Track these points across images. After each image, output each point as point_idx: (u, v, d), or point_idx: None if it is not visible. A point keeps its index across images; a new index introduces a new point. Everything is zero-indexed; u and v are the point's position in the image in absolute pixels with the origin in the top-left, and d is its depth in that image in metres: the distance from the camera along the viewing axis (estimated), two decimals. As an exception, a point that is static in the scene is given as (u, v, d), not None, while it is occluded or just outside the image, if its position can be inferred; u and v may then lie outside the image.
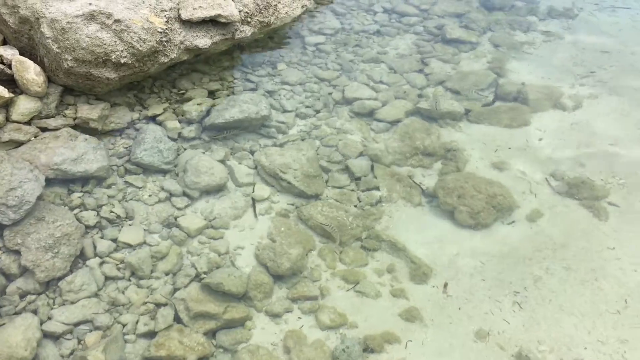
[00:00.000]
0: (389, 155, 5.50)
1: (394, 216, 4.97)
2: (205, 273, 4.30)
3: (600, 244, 4.82)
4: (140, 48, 5.03)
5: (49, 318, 3.84)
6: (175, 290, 4.18)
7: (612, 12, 8.10)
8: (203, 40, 5.59)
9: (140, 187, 4.80)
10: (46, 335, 3.75)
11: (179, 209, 4.74)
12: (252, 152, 5.33)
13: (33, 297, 3.90)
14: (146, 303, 4.06)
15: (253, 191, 5.01)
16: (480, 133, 5.87)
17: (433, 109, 5.95)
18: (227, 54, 6.17)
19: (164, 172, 4.96)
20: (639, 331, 4.19)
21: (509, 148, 5.68)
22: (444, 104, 5.97)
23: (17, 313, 3.78)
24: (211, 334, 4.01)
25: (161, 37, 5.21)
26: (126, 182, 4.81)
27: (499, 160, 5.53)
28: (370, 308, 4.30)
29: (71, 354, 3.72)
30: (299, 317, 4.20)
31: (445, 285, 4.46)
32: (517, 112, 6.09)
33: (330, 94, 6.12)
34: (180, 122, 5.33)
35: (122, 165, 4.91)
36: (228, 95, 5.70)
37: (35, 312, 3.83)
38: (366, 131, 5.73)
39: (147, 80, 5.58)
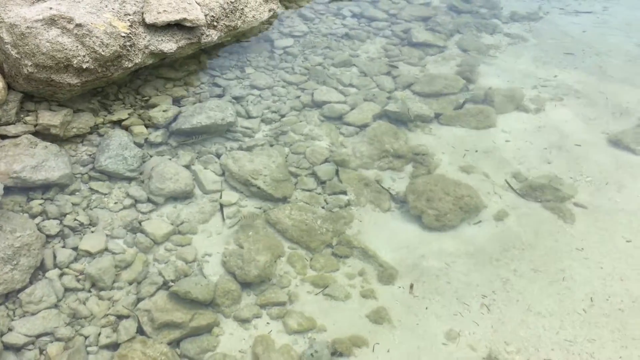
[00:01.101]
0: (356, 159, 5.49)
1: (364, 220, 4.96)
2: (172, 281, 4.23)
3: (568, 244, 4.87)
4: (102, 53, 4.94)
5: (10, 329, 3.73)
6: (139, 300, 4.09)
7: (575, 16, 8.25)
8: (168, 44, 5.52)
9: (106, 194, 4.71)
10: (7, 347, 3.64)
11: (143, 213, 4.66)
12: (218, 156, 5.28)
13: (-8, 309, 3.79)
14: (107, 315, 3.96)
15: (221, 197, 4.95)
16: (449, 135, 5.90)
17: (404, 113, 5.96)
18: (193, 57, 6.11)
19: (129, 180, 4.88)
20: (606, 330, 4.23)
21: (476, 151, 5.72)
22: (413, 107, 6.00)
23: (-26, 326, 3.67)
24: (175, 343, 3.93)
25: (125, 42, 5.13)
26: (91, 189, 4.71)
27: (466, 163, 5.56)
28: (338, 311, 4.27)
29: (33, 365, 3.63)
30: (268, 323, 4.15)
31: (411, 286, 4.46)
32: (484, 115, 6.14)
33: (298, 97, 6.09)
34: (147, 127, 5.24)
35: (86, 173, 4.81)
36: (194, 103, 5.63)
37: (-6, 324, 3.72)
38: (335, 136, 5.71)
39: (112, 86, 5.48)
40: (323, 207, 5.00)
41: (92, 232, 4.41)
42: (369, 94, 6.26)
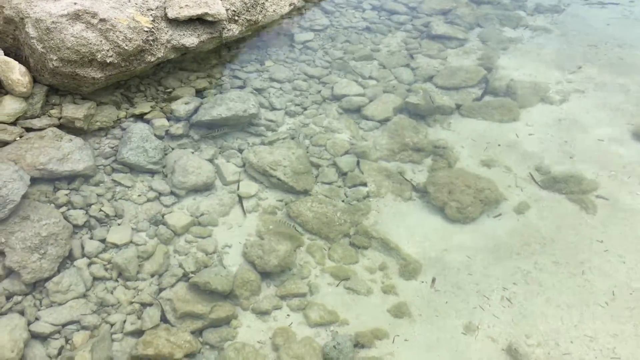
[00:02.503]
0: (377, 152, 5.50)
1: (382, 211, 4.97)
2: (192, 272, 4.28)
3: (589, 238, 4.83)
4: (126, 47, 5.01)
5: (37, 319, 3.81)
6: (161, 290, 4.16)
7: (600, 8, 8.13)
8: (190, 39, 5.57)
9: (130, 187, 4.78)
10: (34, 335, 3.73)
11: (166, 206, 4.72)
12: (240, 151, 5.32)
13: (19, 298, 3.87)
14: (132, 303, 4.04)
15: (238, 188, 4.99)
16: (470, 128, 5.88)
17: (428, 103, 5.95)
18: (214, 51, 6.16)
19: (152, 172, 4.94)
20: (629, 325, 4.19)
21: (499, 145, 5.69)
22: (436, 102, 5.99)
23: (2, 314, 3.75)
24: (198, 332, 3.99)
25: (147, 36, 5.19)
26: (114, 180, 4.79)
27: (488, 156, 5.53)
28: (360, 305, 4.29)
29: (59, 354, 3.70)
30: (288, 315, 4.19)
31: (433, 280, 4.47)
32: (507, 108, 6.10)
33: (319, 92, 6.11)
34: (168, 119, 5.31)
35: (109, 164, 4.89)
36: (216, 94, 5.68)
37: (22, 313, 3.80)
38: (354, 129, 5.73)
39: (134, 79, 5.56)
40: (343, 201, 5.02)
41: (119, 224, 4.49)
42: (388, 87, 6.26)
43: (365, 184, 5.17)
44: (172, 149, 5.16)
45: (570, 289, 4.43)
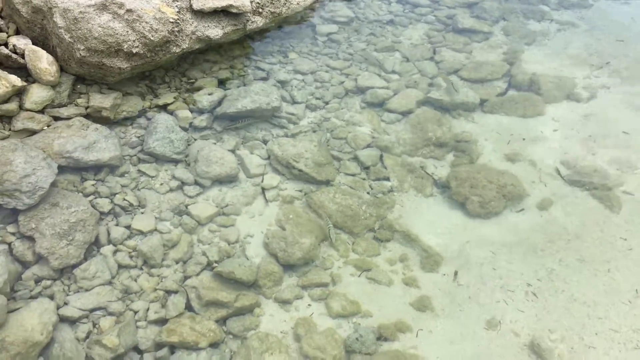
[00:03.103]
0: (399, 146, 5.49)
1: (405, 205, 4.97)
2: (216, 262, 4.32)
3: (613, 235, 4.78)
4: (152, 38, 5.05)
5: (65, 303, 3.89)
6: (186, 278, 4.20)
7: (626, 4, 8.00)
8: (214, 30, 5.59)
9: (153, 176, 4.82)
10: (62, 319, 3.80)
11: (190, 197, 4.76)
12: (264, 142, 5.35)
13: (48, 282, 3.94)
14: (156, 290, 4.09)
15: (262, 180, 5.02)
16: (494, 123, 5.84)
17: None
18: (237, 43, 6.17)
19: (175, 162, 4.99)
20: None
21: (523, 139, 5.64)
22: (459, 92, 5.94)
23: (32, 297, 3.82)
24: (222, 321, 4.03)
25: (173, 27, 5.22)
26: (139, 170, 4.84)
27: (511, 151, 5.49)
28: (382, 296, 4.29)
29: (87, 337, 3.77)
30: (309, 304, 4.21)
31: (456, 273, 4.46)
32: (531, 102, 6.05)
33: (342, 83, 6.10)
34: (191, 111, 5.34)
35: (135, 155, 4.94)
36: (239, 86, 5.70)
37: (51, 297, 3.87)
38: (377, 122, 5.71)
39: (159, 70, 5.59)
40: (368, 193, 5.02)
41: (142, 212, 4.54)
42: (411, 80, 6.23)
43: (388, 178, 5.16)
44: (195, 140, 5.19)
45: (595, 286, 4.40)
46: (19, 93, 4.73)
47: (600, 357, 3.95)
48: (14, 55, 4.81)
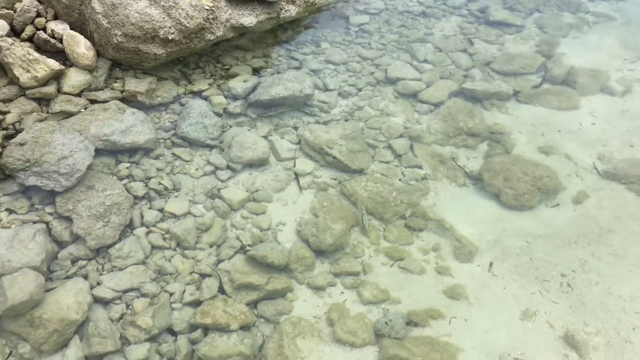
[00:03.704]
0: (431, 135, 5.45)
1: (440, 193, 4.93)
2: (249, 246, 4.34)
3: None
4: (187, 25, 5.08)
5: (99, 283, 3.93)
6: (219, 261, 4.22)
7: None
8: (248, 18, 5.61)
9: (188, 161, 4.85)
10: (96, 299, 3.84)
11: (222, 180, 4.79)
12: (295, 128, 5.36)
13: (84, 262, 3.99)
14: (192, 273, 4.12)
15: (294, 165, 5.02)
16: (528, 114, 5.77)
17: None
18: (270, 32, 6.19)
19: (210, 147, 5.01)
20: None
21: (559, 131, 5.56)
22: (491, 84, 5.89)
23: (68, 277, 3.88)
24: (253, 304, 4.05)
25: (208, 15, 5.25)
26: (174, 154, 4.87)
27: (546, 144, 5.42)
28: (414, 284, 4.27)
29: (120, 318, 3.80)
30: (342, 292, 4.20)
31: (491, 264, 4.41)
32: (566, 95, 5.96)
33: (372, 73, 6.08)
34: (225, 97, 5.37)
35: (169, 138, 4.98)
36: (272, 74, 5.71)
37: (85, 277, 3.91)
38: (410, 112, 5.68)
39: (192, 56, 5.63)
40: (400, 180, 4.99)
41: (176, 196, 4.57)
42: (445, 72, 6.18)
43: (421, 166, 5.13)
44: (230, 126, 5.22)
45: (631, 281, 4.32)
46: (57, 77, 4.80)
47: (638, 352, 3.88)
48: (52, 40, 4.88)
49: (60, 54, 4.92)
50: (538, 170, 5.01)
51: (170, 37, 5.04)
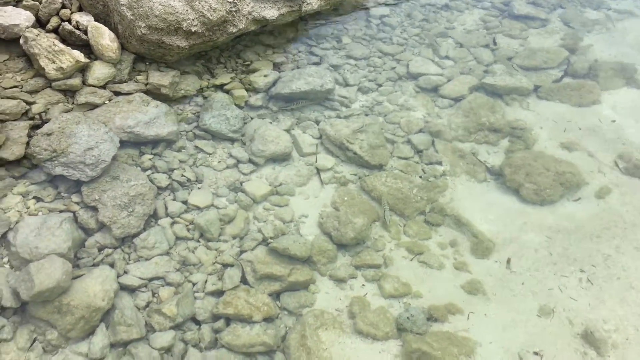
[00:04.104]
0: (452, 131, 5.45)
1: (457, 190, 4.94)
2: (271, 238, 4.38)
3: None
4: (210, 17, 5.12)
5: (125, 272, 4.00)
6: (242, 252, 4.28)
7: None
8: (270, 11, 5.64)
9: (211, 154, 4.91)
10: (123, 287, 3.91)
11: (244, 174, 4.83)
12: (317, 122, 5.38)
13: (110, 250, 4.06)
14: (214, 263, 4.17)
15: (316, 160, 5.06)
16: (549, 110, 5.75)
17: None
18: (291, 25, 6.20)
19: (232, 140, 5.06)
20: None
21: (579, 128, 5.54)
22: (512, 79, 5.87)
23: (95, 265, 3.95)
24: (275, 295, 4.10)
25: (230, 7, 5.28)
26: (196, 147, 4.92)
27: (568, 139, 5.40)
28: (433, 279, 4.30)
29: (146, 306, 3.88)
30: (363, 285, 4.24)
31: (509, 260, 4.42)
32: (587, 90, 5.93)
33: (393, 68, 6.08)
34: (247, 90, 5.41)
35: (191, 130, 5.03)
36: (293, 69, 5.74)
37: (112, 265, 3.99)
38: (430, 107, 5.68)
39: (214, 50, 5.67)
40: (420, 177, 5.01)
41: (199, 188, 4.63)
42: (466, 67, 6.17)
43: (440, 163, 5.14)
44: (252, 118, 5.26)
45: (653, 276, 4.32)
46: (82, 69, 4.86)
47: (658, 349, 3.89)
48: (77, 31, 4.94)
49: (85, 48, 4.98)
50: (560, 165, 5.01)
51: (193, 30, 5.09)
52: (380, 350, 3.85)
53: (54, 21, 4.93)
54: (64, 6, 5.08)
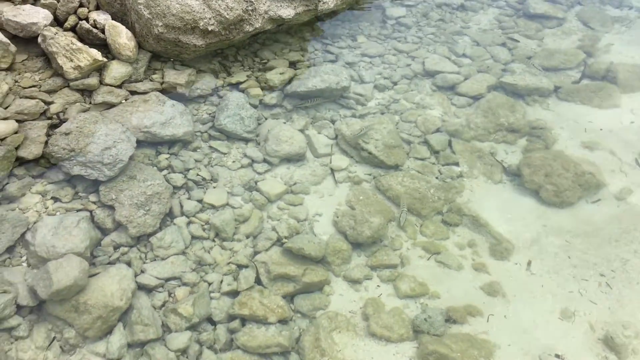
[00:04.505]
0: (470, 130, 5.40)
1: (475, 191, 4.89)
2: (286, 237, 4.37)
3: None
4: (227, 16, 5.10)
5: (142, 271, 4.01)
6: (256, 253, 4.26)
7: None
8: (287, 10, 5.61)
9: (225, 153, 4.90)
10: (140, 287, 3.91)
11: (259, 173, 4.82)
12: (332, 122, 5.35)
13: (126, 249, 4.07)
14: (229, 264, 4.16)
15: (330, 161, 5.03)
16: (569, 111, 5.67)
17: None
18: (307, 24, 6.18)
19: (246, 140, 5.05)
20: None
21: (600, 129, 5.46)
22: (532, 79, 5.80)
23: (110, 263, 3.96)
24: (289, 297, 4.07)
25: (247, 6, 5.26)
26: (211, 147, 4.92)
27: (589, 140, 5.33)
28: (451, 279, 4.25)
29: (163, 305, 3.88)
30: (378, 285, 4.20)
31: (529, 262, 4.37)
32: (607, 91, 5.84)
33: (408, 65, 6.04)
34: (262, 89, 5.40)
35: (206, 131, 5.02)
36: (309, 67, 5.71)
37: (129, 264, 3.99)
38: (447, 106, 5.63)
39: (231, 49, 5.67)
40: (437, 177, 4.96)
41: (214, 187, 4.62)
42: (483, 65, 6.11)
43: (457, 164, 5.09)
44: (266, 118, 5.25)
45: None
46: (100, 69, 4.87)
47: (679, 355, 3.82)
48: (94, 30, 4.95)
49: (102, 47, 4.99)
50: (579, 166, 4.94)
51: (209, 29, 5.08)
52: (395, 352, 3.82)
53: (71, 20, 4.95)
54: (81, 5, 5.09)
